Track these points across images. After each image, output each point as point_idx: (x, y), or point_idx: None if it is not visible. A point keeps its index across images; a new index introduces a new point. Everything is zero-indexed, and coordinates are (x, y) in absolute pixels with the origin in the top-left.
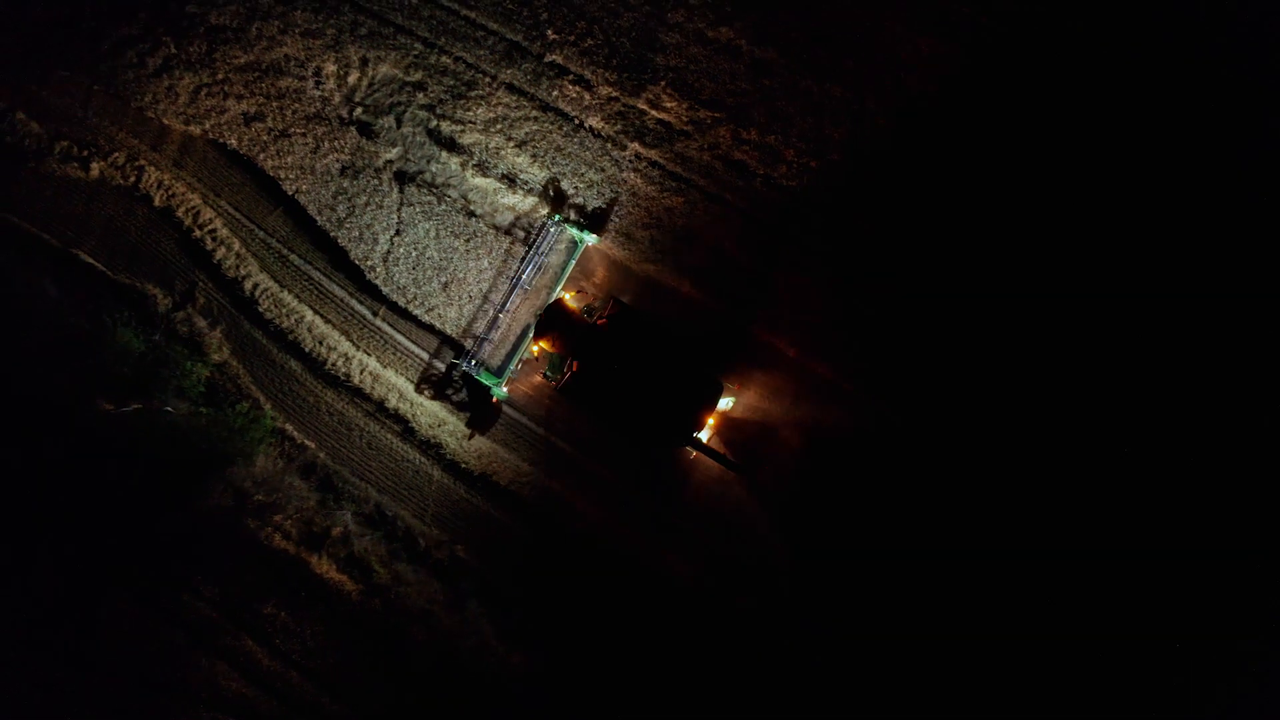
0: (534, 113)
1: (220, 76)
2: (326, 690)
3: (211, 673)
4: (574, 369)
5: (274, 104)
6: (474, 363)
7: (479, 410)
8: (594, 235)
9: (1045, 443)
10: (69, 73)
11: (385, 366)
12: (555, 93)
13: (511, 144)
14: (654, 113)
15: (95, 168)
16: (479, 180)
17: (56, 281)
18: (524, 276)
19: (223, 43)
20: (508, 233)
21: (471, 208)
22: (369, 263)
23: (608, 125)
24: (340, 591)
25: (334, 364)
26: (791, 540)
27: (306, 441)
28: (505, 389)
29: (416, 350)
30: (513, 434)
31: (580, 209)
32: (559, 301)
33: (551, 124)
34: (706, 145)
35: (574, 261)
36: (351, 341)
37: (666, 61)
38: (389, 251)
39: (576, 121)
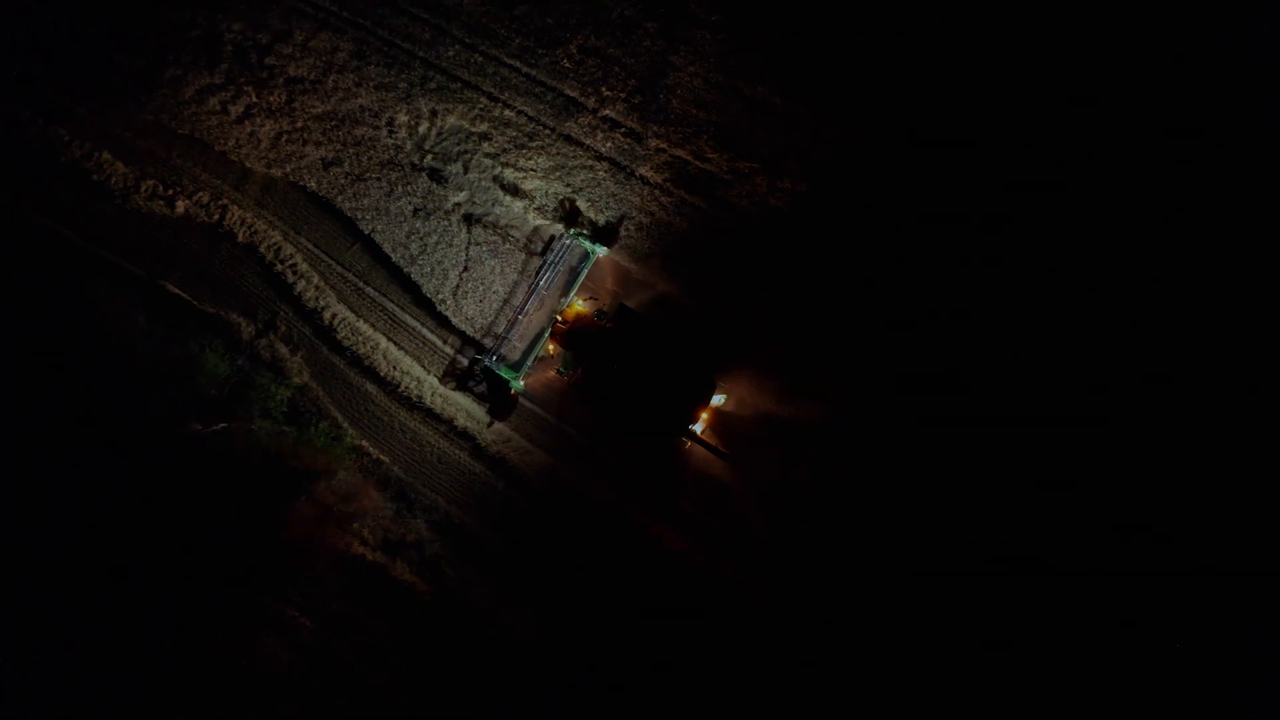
0: (589, 161)
1: (299, 124)
2: (402, 684)
3: (293, 669)
4: (585, 367)
5: (350, 150)
6: (495, 359)
7: (497, 400)
8: (605, 248)
9: (1039, 440)
10: (154, 117)
11: (454, 390)
12: (609, 144)
13: (570, 190)
14: (697, 163)
15: (180, 205)
16: (541, 222)
17: (145, 311)
18: (540, 284)
19: (301, 93)
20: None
21: (533, 247)
22: (440, 296)
23: (656, 173)
24: (414, 592)
25: (407, 387)
26: (774, 522)
27: (382, 457)
28: (522, 382)
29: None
30: (531, 425)
31: (625, 243)
32: (573, 306)
33: (605, 172)
34: (745, 192)
35: (586, 270)
36: (423, 367)
37: (709, 116)
38: (458, 286)
39: (628, 170)
